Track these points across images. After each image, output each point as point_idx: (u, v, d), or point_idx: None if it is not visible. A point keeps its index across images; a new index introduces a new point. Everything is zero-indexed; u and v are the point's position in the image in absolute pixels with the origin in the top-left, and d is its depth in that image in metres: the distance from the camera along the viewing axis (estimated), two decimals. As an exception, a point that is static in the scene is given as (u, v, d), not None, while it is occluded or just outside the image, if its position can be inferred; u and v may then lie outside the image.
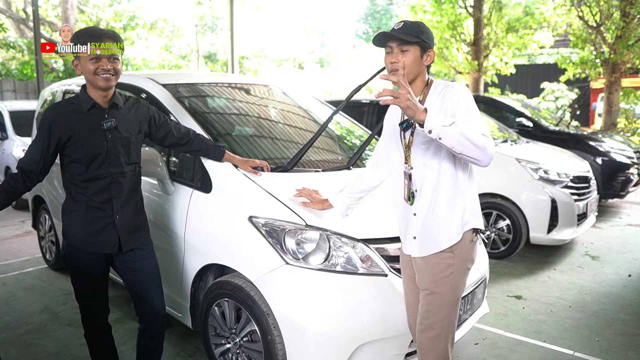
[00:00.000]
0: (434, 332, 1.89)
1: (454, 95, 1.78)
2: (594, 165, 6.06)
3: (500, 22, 11.80)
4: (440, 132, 1.61)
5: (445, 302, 1.88)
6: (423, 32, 1.84)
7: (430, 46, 1.87)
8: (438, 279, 1.87)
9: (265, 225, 2.20)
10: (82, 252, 2.14)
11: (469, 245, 1.89)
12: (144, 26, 20.61)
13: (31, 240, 5.18)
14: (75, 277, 2.21)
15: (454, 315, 1.93)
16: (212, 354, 2.49)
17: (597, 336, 3.10)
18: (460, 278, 1.90)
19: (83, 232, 2.11)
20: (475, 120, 1.74)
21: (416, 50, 1.83)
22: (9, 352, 2.90)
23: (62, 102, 2.14)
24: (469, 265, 1.92)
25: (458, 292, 1.91)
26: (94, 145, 2.05)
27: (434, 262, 1.87)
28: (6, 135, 7.21)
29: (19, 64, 15.42)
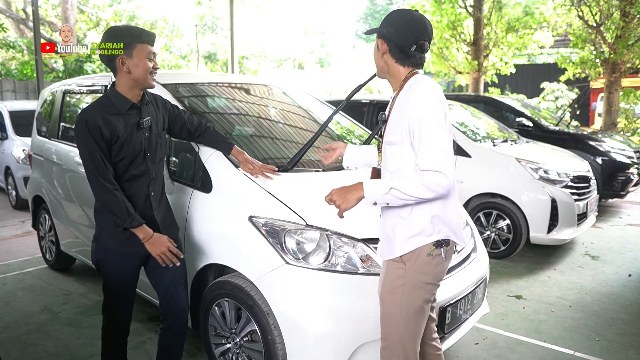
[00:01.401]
0: (384, 343, 1.80)
1: (410, 105, 1.64)
2: (594, 165, 6.07)
3: (500, 21, 11.80)
4: (384, 199, 1.64)
5: (394, 315, 1.75)
6: (382, 22, 1.74)
7: (384, 34, 1.73)
8: (387, 289, 1.77)
9: (265, 225, 2.20)
10: (119, 254, 2.11)
11: (426, 259, 1.70)
12: (144, 26, 20.60)
13: (31, 241, 5.17)
14: (109, 282, 2.17)
15: (408, 330, 1.75)
16: (212, 354, 2.49)
17: (597, 336, 3.10)
18: (413, 292, 1.72)
19: (124, 234, 2.06)
20: (428, 141, 1.59)
21: (377, 42, 1.77)
22: (9, 352, 2.90)
23: (96, 105, 2.07)
24: (427, 280, 1.73)
25: (410, 308, 1.73)
26: (135, 145, 2.07)
27: (387, 269, 1.79)
28: (6, 135, 7.21)
29: (18, 64, 15.44)
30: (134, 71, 2.02)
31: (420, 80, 1.70)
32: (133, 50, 2.01)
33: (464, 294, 2.38)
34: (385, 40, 1.74)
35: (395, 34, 1.72)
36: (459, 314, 2.38)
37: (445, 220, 1.71)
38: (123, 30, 2.07)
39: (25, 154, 6.59)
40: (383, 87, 23.04)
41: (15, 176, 6.75)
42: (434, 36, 11.91)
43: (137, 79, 2.04)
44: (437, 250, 1.71)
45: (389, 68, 1.78)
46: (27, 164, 6.36)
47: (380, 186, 1.64)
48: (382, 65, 1.80)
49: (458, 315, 2.37)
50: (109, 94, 2.08)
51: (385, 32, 1.74)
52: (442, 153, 1.59)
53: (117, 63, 2.02)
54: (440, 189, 1.58)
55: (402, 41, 1.71)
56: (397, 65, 1.75)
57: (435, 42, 12.18)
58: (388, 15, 1.77)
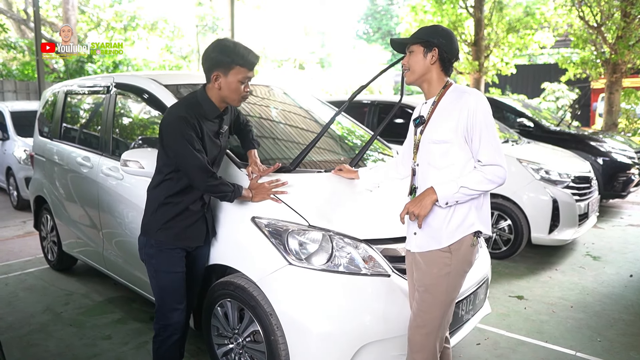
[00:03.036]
0: (425, 330, 1.91)
1: (469, 108, 1.82)
2: (595, 165, 6.07)
3: (500, 22, 11.80)
4: (455, 197, 1.82)
5: (439, 302, 1.89)
6: (429, 33, 1.89)
7: (435, 44, 1.87)
8: (434, 278, 1.89)
9: (268, 226, 2.20)
10: (171, 249, 2.17)
11: (469, 248, 1.88)
12: (145, 27, 20.62)
13: (33, 241, 5.18)
14: (162, 278, 2.19)
15: (446, 315, 1.94)
16: (214, 354, 2.49)
17: (598, 336, 3.11)
18: (457, 279, 1.90)
19: (176, 230, 2.16)
20: (489, 140, 1.82)
21: (419, 49, 1.91)
22: (11, 353, 2.90)
23: (187, 105, 2.10)
24: (466, 268, 1.92)
25: (453, 294, 1.91)
26: (211, 151, 2.15)
27: (431, 260, 1.89)
28: (7, 135, 7.21)
29: (20, 65, 15.44)
30: (224, 89, 2.06)
31: (469, 90, 1.89)
32: (230, 71, 2.02)
33: (466, 294, 2.38)
34: (438, 50, 1.89)
35: (447, 46, 1.89)
36: (461, 314, 2.38)
37: (482, 214, 1.90)
38: (229, 47, 2.03)
39: (26, 154, 6.59)
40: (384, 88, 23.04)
41: (16, 176, 6.76)
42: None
43: (225, 97, 2.09)
44: (477, 240, 1.90)
45: (431, 76, 1.93)
46: (28, 164, 6.37)
47: (451, 187, 1.82)
48: (424, 72, 1.93)
49: (460, 316, 2.37)
50: (199, 97, 2.11)
51: (437, 42, 1.88)
52: (500, 150, 1.84)
53: (212, 76, 2.05)
54: (500, 180, 1.81)
55: (451, 53, 1.90)
56: (440, 74, 1.93)
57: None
58: (435, 28, 1.92)
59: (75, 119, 4.02)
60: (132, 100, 3.31)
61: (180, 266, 2.21)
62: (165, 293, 2.22)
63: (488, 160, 1.82)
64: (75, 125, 3.98)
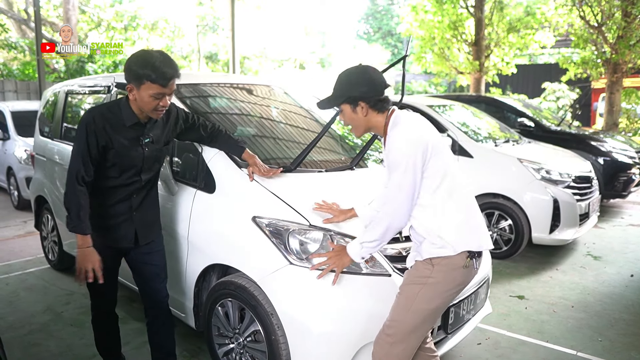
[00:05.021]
0: (392, 339, 1.84)
1: (387, 146, 1.83)
2: (596, 165, 6.06)
3: (501, 22, 11.79)
4: (362, 253, 1.90)
5: (411, 310, 1.82)
6: (347, 87, 1.84)
7: (358, 97, 1.82)
8: (410, 282, 1.87)
9: (269, 226, 2.20)
10: (98, 245, 2.16)
11: (459, 269, 1.80)
12: (145, 26, 20.63)
13: (33, 241, 5.18)
14: None
15: (417, 330, 1.84)
16: (215, 354, 2.49)
17: (599, 336, 3.10)
18: (434, 293, 1.81)
19: (101, 228, 2.17)
20: (393, 181, 1.78)
21: (347, 107, 1.87)
22: (12, 352, 2.90)
23: (103, 109, 2.11)
24: (450, 287, 1.83)
25: (428, 305, 1.82)
26: (130, 158, 2.12)
27: (414, 268, 1.89)
28: (8, 135, 7.21)
29: (20, 65, 15.45)
30: (138, 101, 2.04)
31: (397, 123, 1.83)
32: (141, 85, 1.99)
33: (467, 294, 2.38)
34: (364, 100, 1.83)
35: (370, 91, 1.83)
36: (462, 314, 2.38)
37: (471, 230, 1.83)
38: (146, 60, 1.97)
39: (27, 154, 6.59)
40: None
41: (17, 176, 6.76)
42: (435, 36, 12.04)
43: (141, 108, 2.07)
44: (471, 262, 1.82)
45: (373, 122, 1.88)
46: (29, 164, 6.37)
47: (355, 246, 1.91)
48: (365, 124, 1.90)
49: (461, 316, 2.37)
50: (121, 103, 2.11)
51: (359, 95, 1.83)
52: (400, 192, 1.77)
53: (127, 87, 2.05)
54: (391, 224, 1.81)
55: (377, 92, 1.83)
56: (379, 116, 1.87)
57: (437, 42, 12.18)
58: (348, 78, 1.86)
59: (76, 118, 4.02)
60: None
61: (108, 262, 2.18)
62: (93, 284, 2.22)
63: (384, 202, 1.84)
64: (76, 125, 3.98)
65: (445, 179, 1.80)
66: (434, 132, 1.87)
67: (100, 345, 2.51)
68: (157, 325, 2.43)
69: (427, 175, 1.79)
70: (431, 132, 1.85)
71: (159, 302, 2.40)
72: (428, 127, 1.87)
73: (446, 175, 1.81)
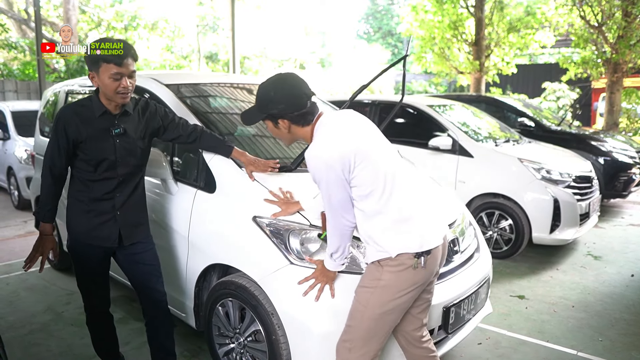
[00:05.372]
0: (349, 345, 1.82)
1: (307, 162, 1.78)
2: (596, 165, 6.06)
3: (501, 22, 11.79)
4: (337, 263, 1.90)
5: (364, 315, 1.79)
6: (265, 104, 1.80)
7: (277, 115, 1.78)
8: (362, 285, 1.84)
9: (269, 225, 2.20)
10: (84, 245, 2.23)
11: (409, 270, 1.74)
12: (145, 26, 20.62)
13: (34, 241, 5.15)
14: (77, 268, 2.32)
15: (375, 337, 1.80)
16: (215, 354, 2.49)
17: (600, 336, 3.10)
18: (383, 296, 1.77)
19: (85, 227, 2.20)
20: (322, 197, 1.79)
21: (269, 124, 1.85)
22: (13, 352, 2.90)
23: (74, 104, 2.18)
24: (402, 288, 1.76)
25: (381, 308, 1.77)
26: (103, 150, 2.13)
27: (366, 270, 1.87)
28: (8, 135, 7.21)
29: (20, 65, 15.45)
30: (101, 87, 2.08)
31: (315, 136, 1.79)
32: (99, 68, 2.04)
33: (467, 294, 2.38)
34: (284, 117, 1.79)
35: (289, 107, 1.77)
36: (463, 314, 2.38)
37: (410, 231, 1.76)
38: (95, 46, 2.04)
39: (27, 154, 6.59)
40: (384, 88, 23.04)
41: (17, 176, 6.76)
42: (435, 36, 12.04)
43: (105, 95, 2.11)
44: (419, 261, 1.75)
45: (297, 135, 1.85)
46: (29, 164, 6.37)
47: (328, 259, 1.91)
48: (290, 137, 1.87)
49: (461, 316, 2.37)
50: (92, 97, 2.17)
51: (277, 112, 1.78)
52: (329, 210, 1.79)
53: (89, 76, 2.10)
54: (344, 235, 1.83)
55: (297, 107, 1.77)
56: (303, 129, 1.83)
57: (437, 42, 12.18)
58: (266, 94, 1.80)
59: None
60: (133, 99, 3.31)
61: (96, 262, 2.28)
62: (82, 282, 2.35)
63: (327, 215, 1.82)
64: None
65: (376, 184, 1.73)
66: (362, 137, 1.78)
67: (97, 346, 2.52)
68: (156, 325, 2.44)
69: (354, 184, 1.73)
70: (356, 139, 1.75)
71: (157, 302, 2.40)
72: (352, 134, 1.76)
73: (377, 181, 1.73)
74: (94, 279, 2.34)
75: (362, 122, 1.88)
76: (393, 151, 1.89)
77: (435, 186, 3.05)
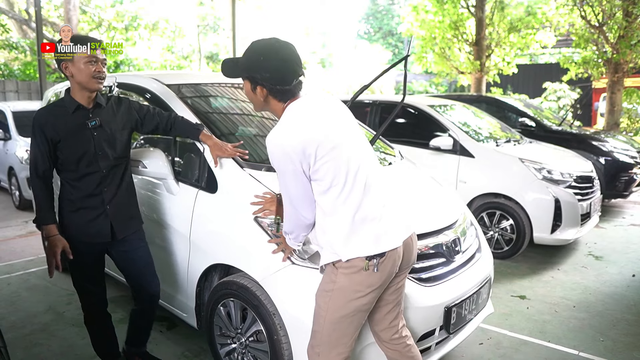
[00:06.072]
0: (317, 349, 1.81)
1: None
2: (597, 165, 6.05)
3: (502, 22, 11.78)
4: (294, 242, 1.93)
5: (324, 319, 1.76)
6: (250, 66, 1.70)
7: (258, 81, 1.69)
8: (319, 290, 1.81)
9: (271, 226, 2.20)
10: (79, 243, 2.25)
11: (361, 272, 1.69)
12: (146, 27, 20.60)
13: (35, 241, 5.19)
14: (73, 268, 2.34)
15: (340, 335, 1.77)
16: (217, 354, 2.49)
17: (601, 336, 3.10)
18: (340, 299, 1.72)
19: (78, 225, 2.26)
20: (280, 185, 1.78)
21: (247, 84, 1.76)
22: (14, 352, 2.90)
23: (48, 106, 2.27)
24: (358, 289, 1.71)
25: (340, 312, 1.73)
26: (81, 144, 2.19)
27: (323, 274, 1.83)
28: (9, 135, 7.22)
29: (21, 65, 15.45)
30: (76, 76, 2.16)
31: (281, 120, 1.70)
32: (73, 57, 2.14)
33: (468, 294, 2.38)
34: (264, 86, 1.70)
35: (273, 79, 1.68)
36: (464, 314, 2.38)
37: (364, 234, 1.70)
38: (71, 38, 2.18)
39: (28, 154, 6.60)
40: (385, 88, 23.03)
41: (18, 176, 6.76)
42: (436, 36, 12.05)
43: (80, 82, 2.17)
44: (370, 263, 1.69)
45: (270, 107, 1.78)
46: (30, 164, 6.36)
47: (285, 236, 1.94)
48: (262, 105, 1.79)
49: (463, 316, 2.37)
50: (64, 96, 2.24)
51: (260, 78, 1.69)
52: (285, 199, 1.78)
53: (62, 68, 2.17)
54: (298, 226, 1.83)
55: (282, 82, 1.69)
56: (277, 104, 1.75)
57: (438, 42, 12.18)
58: (255, 57, 1.69)
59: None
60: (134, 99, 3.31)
61: (90, 259, 2.32)
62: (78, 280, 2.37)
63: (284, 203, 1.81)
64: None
65: (337, 180, 1.66)
66: (329, 128, 1.68)
67: (97, 346, 2.54)
68: (144, 312, 2.53)
69: (315, 177, 1.67)
70: (321, 129, 1.65)
71: (152, 296, 2.48)
72: (318, 124, 1.67)
73: (338, 177, 1.66)
74: (90, 277, 2.37)
75: (335, 111, 1.78)
76: (364, 145, 1.82)
77: (436, 186, 3.05)
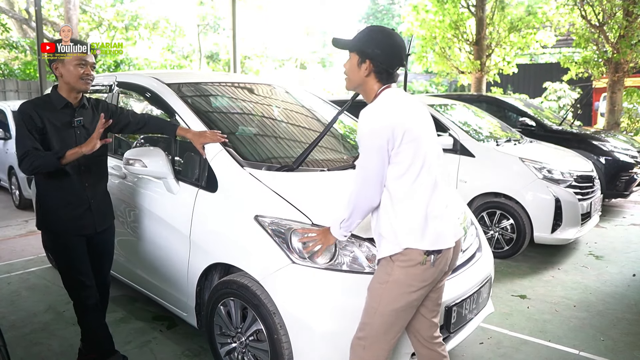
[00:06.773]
0: (364, 342, 1.83)
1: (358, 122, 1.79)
2: (598, 164, 6.05)
3: (502, 21, 11.78)
4: (345, 231, 1.90)
5: (377, 312, 1.80)
6: (365, 41, 1.78)
7: (369, 55, 1.76)
8: (374, 283, 1.84)
9: (271, 225, 2.20)
10: (67, 236, 2.35)
11: (418, 266, 1.75)
12: (146, 26, 20.62)
13: (35, 240, 5.18)
14: (62, 261, 2.41)
15: (389, 332, 1.82)
16: (217, 353, 2.49)
17: (602, 336, 3.10)
18: (394, 293, 1.77)
19: (66, 218, 2.36)
20: (358, 163, 1.79)
21: (354, 57, 1.82)
22: (15, 352, 2.90)
23: (34, 99, 2.35)
24: (412, 285, 1.77)
25: (388, 306, 1.78)
26: (64, 140, 2.29)
27: (378, 267, 1.86)
28: (9, 135, 7.22)
29: (21, 64, 15.45)
30: (65, 76, 2.27)
31: (377, 101, 1.78)
32: (64, 58, 2.26)
33: (469, 293, 2.38)
34: (372, 62, 1.77)
35: (382, 57, 1.76)
36: (464, 313, 2.38)
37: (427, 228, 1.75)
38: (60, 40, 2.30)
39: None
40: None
41: (18, 176, 6.76)
42: (436, 36, 12.04)
43: (68, 82, 2.28)
44: (428, 258, 1.75)
45: (366, 87, 1.83)
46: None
47: (335, 225, 1.91)
48: (359, 82, 1.84)
49: (463, 315, 2.37)
50: (50, 93, 2.34)
51: (371, 54, 1.76)
52: (362, 173, 1.77)
53: (52, 67, 2.29)
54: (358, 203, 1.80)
55: (388, 63, 1.77)
56: (376, 84, 1.81)
57: (438, 41, 12.17)
58: (371, 34, 1.79)
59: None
60: (135, 99, 3.31)
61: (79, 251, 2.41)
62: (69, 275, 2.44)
63: (354, 179, 1.81)
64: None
65: (414, 166, 1.74)
66: (417, 119, 1.78)
67: (92, 344, 2.56)
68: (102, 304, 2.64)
69: (395, 160, 1.74)
70: (410, 118, 1.75)
71: (106, 285, 2.70)
72: (409, 113, 1.76)
73: (415, 163, 1.74)
74: (86, 272, 2.44)
75: (420, 109, 1.87)
76: (437, 147, 1.91)
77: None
